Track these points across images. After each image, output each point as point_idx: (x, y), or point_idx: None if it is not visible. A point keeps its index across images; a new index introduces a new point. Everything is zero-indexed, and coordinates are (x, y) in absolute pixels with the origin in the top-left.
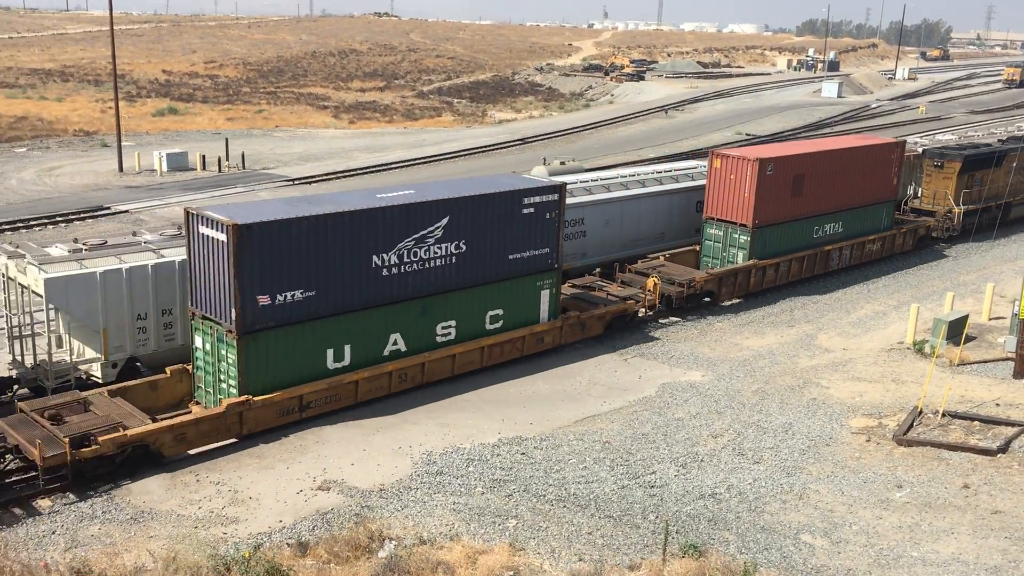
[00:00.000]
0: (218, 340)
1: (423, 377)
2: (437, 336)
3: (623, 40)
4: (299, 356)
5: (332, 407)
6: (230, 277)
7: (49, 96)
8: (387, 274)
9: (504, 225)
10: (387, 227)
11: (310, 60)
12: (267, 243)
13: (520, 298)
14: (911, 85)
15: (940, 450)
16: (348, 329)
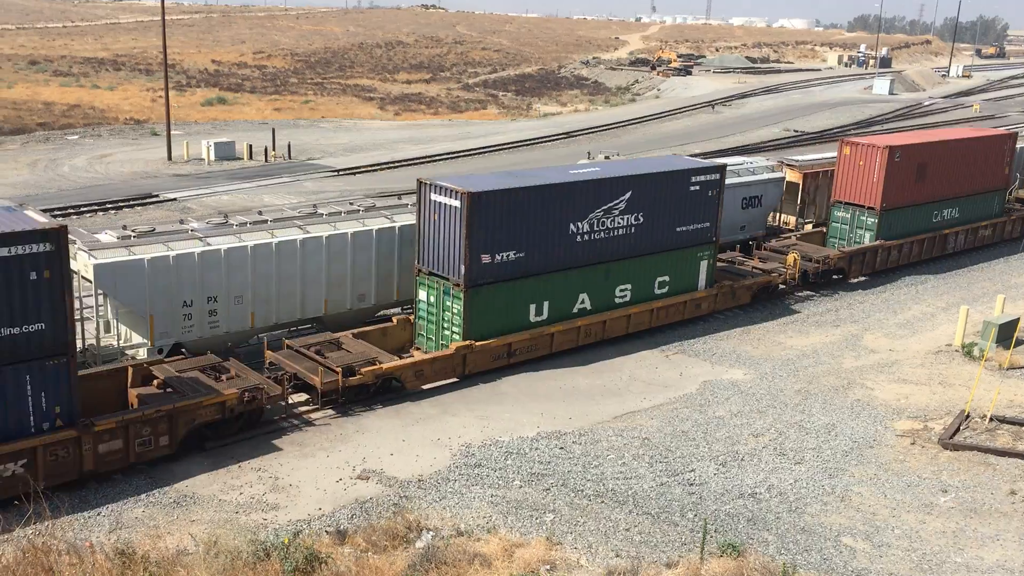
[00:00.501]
0: (444, 293)
1: (603, 333)
2: (615, 298)
3: (670, 34)
4: (509, 309)
5: (532, 356)
6: (461, 238)
7: (101, 85)
8: (580, 240)
9: (675, 200)
10: (582, 199)
11: (357, 51)
12: (491, 210)
13: (684, 267)
14: (965, 83)
15: (987, 455)
16: (547, 287)
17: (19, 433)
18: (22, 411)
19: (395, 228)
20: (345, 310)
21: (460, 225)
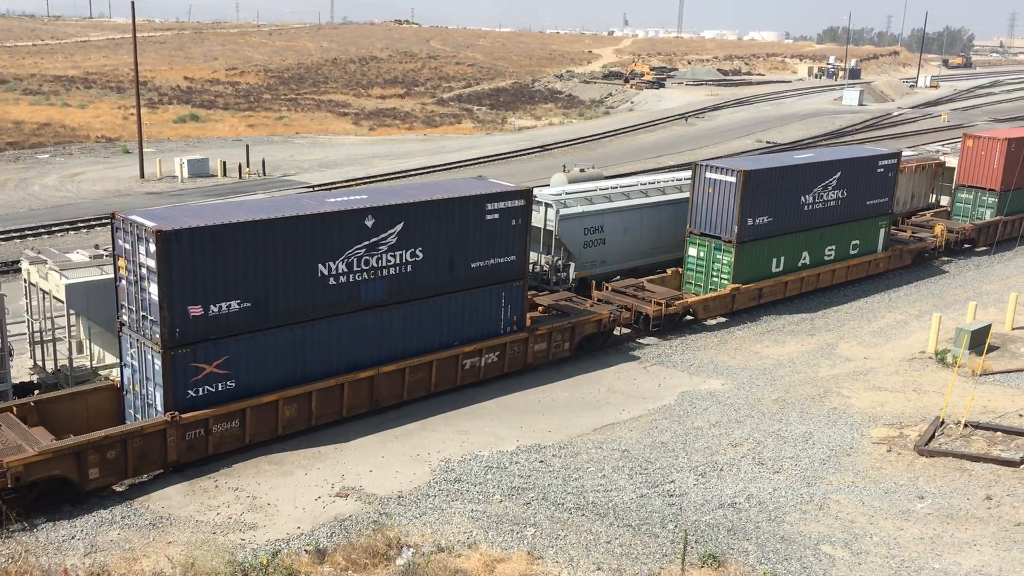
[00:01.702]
0: (715, 249)
1: (816, 284)
2: (824, 256)
3: (643, 48)
4: (760, 261)
5: (776, 298)
6: (735, 206)
7: (72, 103)
8: (807, 209)
9: (868, 180)
10: (810, 177)
11: (331, 67)
12: (757, 184)
13: (869, 233)
14: (933, 93)
15: (962, 461)
16: (783, 246)
17: (495, 334)
18: (497, 318)
19: None
20: None
21: (735, 196)
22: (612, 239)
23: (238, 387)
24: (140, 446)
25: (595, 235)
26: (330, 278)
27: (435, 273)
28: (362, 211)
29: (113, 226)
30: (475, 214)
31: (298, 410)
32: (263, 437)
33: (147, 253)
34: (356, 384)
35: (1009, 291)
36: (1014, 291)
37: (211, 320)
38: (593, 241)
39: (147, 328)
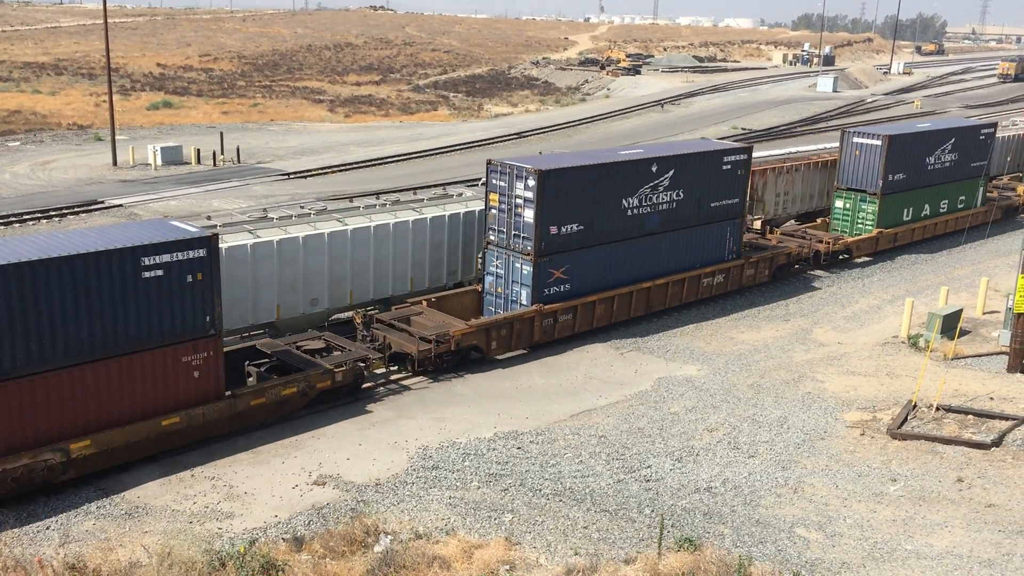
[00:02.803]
0: (860, 200)
1: (934, 231)
2: (939, 208)
3: (619, 34)
4: (897, 211)
5: (904, 242)
6: (880, 165)
7: (43, 90)
8: (930, 168)
9: (969, 147)
10: (934, 142)
11: (305, 54)
12: (898, 148)
13: (971, 190)
14: (906, 80)
15: (934, 444)
16: (912, 198)
17: (722, 260)
18: (723, 247)
19: None
20: None
21: (880, 156)
22: None
23: (571, 289)
24: (519, 328)
25: None
26: (628, 210)
27: (690, 209)
28: (649, 160)
29: (488, 168)
30: (716, 165)
31: (604, 310)
32: (582, 328)
33: (524, 187)
34: (639, 292)
35: (980, 276)
36: (985, 276)
37: (560, 238)
38: None
39: (518, 244)
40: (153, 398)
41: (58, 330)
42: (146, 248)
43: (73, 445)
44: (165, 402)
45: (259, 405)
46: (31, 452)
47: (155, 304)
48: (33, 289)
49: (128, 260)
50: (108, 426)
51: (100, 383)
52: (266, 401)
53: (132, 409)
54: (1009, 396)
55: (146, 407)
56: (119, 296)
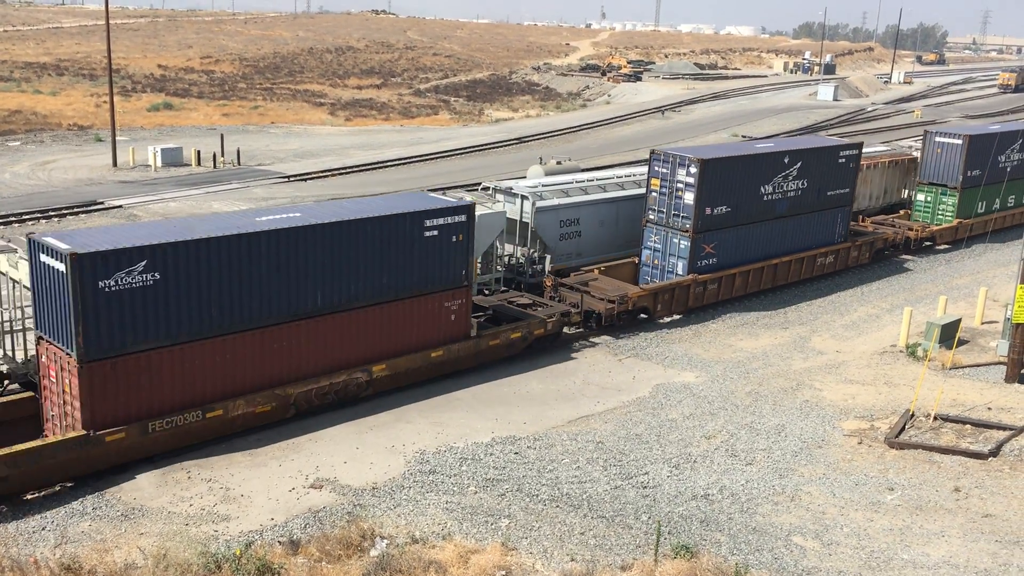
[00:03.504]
0: (940, 194)
1: (1003, 224)
2: (1007, 203)
3: (620, 41)
4: (971, 204)
5: (978, 233)
6: (960, 162)
7: (44, 90)
8: (1001, 166)
9: None
10: (1005, 143)
11: (307, 57)
12: (976, 146)
13: None
14: (907, 89)
15: (932, 453)
16: (987, 194)
17: (831, 242)
18: (833, 231)
19: None
20: None
21: (961, 154)
22: (588, 232)
23: (718, 263)
24: (678, 294)
25: (571, 228)
26: (764, 195)
27: (811, 197)
28: (783, 152)
29: (652, 157)
30: (834, 158)
31: (742, 281)
32: (724, 297)
33: (687, 174)
34: (768, 268)
35: (979, 285)
36: (984, 286)
37: (712, 218)
38: (569, 234)
39: (677, 222)
40: (425, 335)
41: (366, 276)
42: (429, 212)
43: (375, 368)
44: (432, 338)
45: (495, 345)
46: (347, 371)
47: (431, 258)
48: (349, 242)
49: (417, 222)
50: (396, 355)
51: (392, 320)
52: (499, 343)
53: (411, 343)
54: (1007, 406)
55: (420, 342)
56: (408, 250)
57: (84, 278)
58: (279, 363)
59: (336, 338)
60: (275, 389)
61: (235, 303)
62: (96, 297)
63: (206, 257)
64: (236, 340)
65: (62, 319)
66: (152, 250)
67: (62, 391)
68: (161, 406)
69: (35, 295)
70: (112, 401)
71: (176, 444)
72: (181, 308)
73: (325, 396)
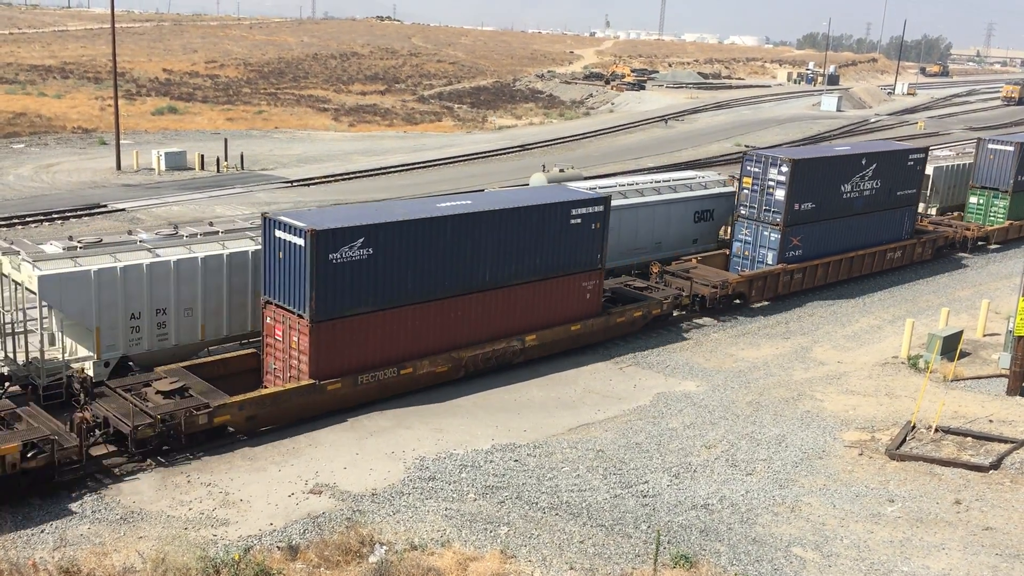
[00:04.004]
0: (992, 197)
1: None
2: None
3: (624, 49)
4: (1021, 207)
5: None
6: (1011, 166)
7: (48, 93)
8: None
9: None
10: None
11: (311, 62)
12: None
13: None
14: (910, 100)
15: (932, 465)
16: None
17: (899, 239)
18: (901, 228)
19: None
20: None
21: (1013, 160)
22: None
23: (803, 254)
24: (769, 282)
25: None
26: (844, 193)
27: (883, 196)
28: (860, 155)
29: (745, 157)
30: (903, 161)
31: (822, 272)
32: (807, 286)
33: (778, 172)
34: (845, 261)
35: (981, 298)
36: (986, 298)
37: (800, 213)
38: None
39: (768, 216)
40: (566, 310)
41: (524, 256)
42: (575, 203)
43: (527, 338)
44: (571, 314)
45: (621, 322)
46: (506, 340)
47: (574, 243)
48: (512, 226)
49: (566, 211)
50: (543, 327)
51: (541, 296)
52: (625, 319)
53: (555, 317)
54: (1008, 419)
55: (562, 316)
56: (557, 235)
57: (319, 251)
58: (455, 330)
59: (498, 310)
60: (451, 352)
61: (425, 277)
62: (326, 267)
63: (406, 236)
64: (424, 309)
65: (296, 286)
66: (368, 229)
67: (288, 348)
68: (366, 362)
69: (266, 266)
70: (332, 357)
71: (376, 396)
72: (386, 279)
73: (488, 360)
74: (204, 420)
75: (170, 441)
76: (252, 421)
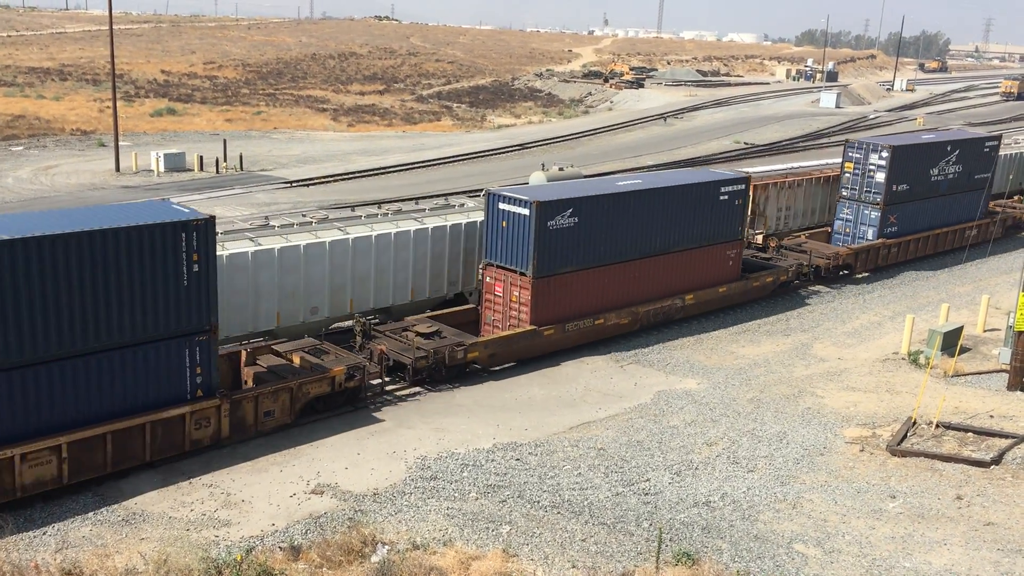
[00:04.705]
0: None
1: None
2: None
3: (623, 47)
4: None
5: None
6: None
7: (47, 95)
8: None
9: None
10: None
11: (309, 62)
12: None
13: None
14: (909, 96)
15: (934, 461)
16: None
17: (973, 218)
18: (975, 209)
19: None
20: None
21: None
22: None
23: (898, 230)
24: (871, 254)
25: None
26: (932, 176)
27: (963, 179)
28: (945, 142)
29: (847, 146)
30: (980, 148)
31: (913, 247)
32: (900, 259)
33: (879, 158)
34: (932, 237)
35: (981, 293)
36: (986, 293)
37: (897, 193)
38: None
39: (868, 196)
40: (715, 275)
41: (685, 227)
42: (723, 182)
43: (686, 297)
44: (719, 278)
45: (756, 286)
46: (670, 298)
47: (722, 217)
48: (677, 201)
49: (716, 188)
50: (697, 289)
51: (696, 262)
52: (759, 284)
53: (706, 280)
54: (1009, 414)
55: (711, 280)
56: (710, 210)
57: (541, 219)
58: (633, 289)
59: (665, 273)
60: (631, 308)
61: (613, 242)
62: (545, 233)
63: (602, 207)
64: (612, 269)
65: (520, 249)
66: (575, 201)
67: (508, 301)
68: (571, 313)
69: (488, 233)
70: (547, 308)
71: (577, 342)
72: (587, 243)
73: (657, 315)
74: (460, 355)
75: (434, 373)
76: (492, 358)
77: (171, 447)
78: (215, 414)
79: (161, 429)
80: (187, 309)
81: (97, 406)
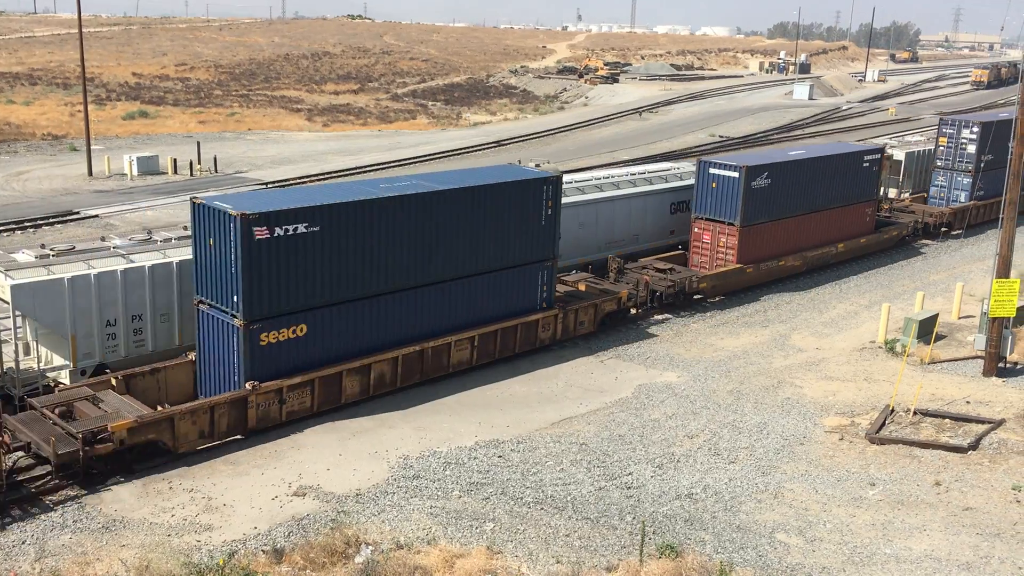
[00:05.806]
0: None
1: None
2: None
3: (597, 43)
4: None
5: None
6: None
7: (17, 100)
8: None
9: None
10: None
11: (283, 63)
12: None
13: None
14: (881, 87)
15: (912, 448)
16: None
17: None
18: None
19: None
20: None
21: None
22: (567, 234)
23: (983, 195)
24: (964, 214)
25: None
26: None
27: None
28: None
29: (941, 121)
30: None
31: (987, 211)
32: (977, 221)
33: (970, 133)
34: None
35: (955, 281)
36: (960, 281)
37: (984, 163)
38: None
39: (961, 165)
40: (857, 228)
41: (843, 186)
42: (866, 152)
43: (839, 245)
44: (859, 231)
45: (887, 238)
46: (828, 246)
47: (863, 180)
48: (832, 168)
49: (860, 158)
50: (844, 239)
51: (846, 217)
52: (887, 237)
53: (852, 232)
54: (985, 400)
55: (856, 232)
56: (855, 174)
57: (748, 180)
58: (803, 238)
59: (825, 225)
60: (802, 252)
61: (792, 200)
62: (749, 192)
63: (787, 172)
64: (791, 221)
65: (729, 204)
66: (769, 167)
67: (715, 247)
68: (762, 255)
69: (699, 192)
70: (749, 250)
71: (766, 279)
72: (775, 200)
73: (818, 260)
74: (696, 284)
75: (676, 298)
76: (714, 288)
77: (527, 343)
78: (553, 321)
79: (524, 329)
80: (542, 242)
81: (491, 311)
